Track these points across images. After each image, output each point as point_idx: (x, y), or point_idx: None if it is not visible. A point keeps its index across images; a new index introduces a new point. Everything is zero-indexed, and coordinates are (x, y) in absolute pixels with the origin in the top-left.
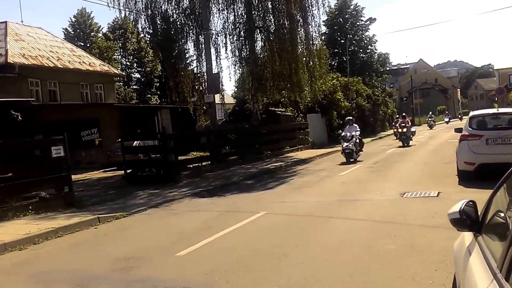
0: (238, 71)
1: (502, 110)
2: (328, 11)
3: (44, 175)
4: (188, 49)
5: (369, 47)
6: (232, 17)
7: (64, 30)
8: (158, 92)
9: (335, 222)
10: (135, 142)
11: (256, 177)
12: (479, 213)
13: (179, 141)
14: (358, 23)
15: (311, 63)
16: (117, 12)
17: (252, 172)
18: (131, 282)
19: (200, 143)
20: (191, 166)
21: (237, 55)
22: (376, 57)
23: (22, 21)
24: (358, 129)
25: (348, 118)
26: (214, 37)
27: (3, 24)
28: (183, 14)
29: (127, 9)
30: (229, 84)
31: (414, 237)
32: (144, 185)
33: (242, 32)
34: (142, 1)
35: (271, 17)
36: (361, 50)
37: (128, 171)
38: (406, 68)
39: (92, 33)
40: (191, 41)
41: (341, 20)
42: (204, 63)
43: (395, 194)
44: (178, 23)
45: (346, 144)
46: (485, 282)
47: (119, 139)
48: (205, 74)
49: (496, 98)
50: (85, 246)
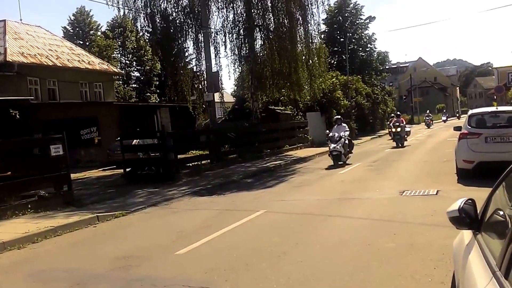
0: (238, 70)
1: (501, 109)
2: (328, 10)
3: (43, 174)
4: (188, 48)
5: (369, 46)
6: (232, 16)
7: (63, 29)
8: (158, 91)
9: (335, 221)
10: (135, 141)
11: (256, 176)
12: (478, 211)
13: (179, 140)
14: (358, 22)
15: (311, 62)
16: (116, 11)
17: (252, 171)
18: (130, 281)
19: (200, 142)
20: (191, 165)
21: (237, 54)
22: (376, 56)
23: (21, 20)
24: (347, 129)
25: (336, 117)
26: (214, 36)
27: (2, 23)
28: (183, 13)
29: (126, 8)
30: (229, 83)
31: (413, 235)
32: (144, 184)
33: (242, 31)
34: (142, 0)
35: (271, 16)
36: (361, 49)
37: (128, 170)
38: (406, 67)
39: (91, 32)
40: (191, 40)
41: (341, 19)
42: (204, 62)
43: (395, 193)
44: (178, 22)
45: (334, 146)
46: (484, 280)
47: (119, 138)
48: (205, 73)
49: (495, 97)
50: (84, 245)
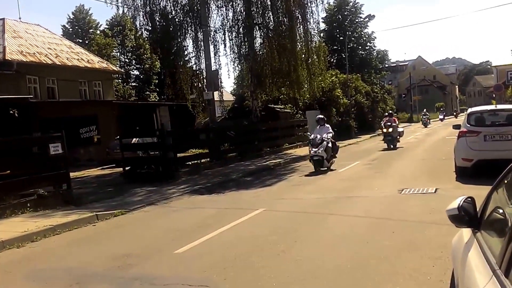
0: (237, 68)
1: (500, 107)
2: (327, 8)
3: (42, 173)
4: (187, 46)
5: (368, 44)
6: (231, 14)
7: (63, 27)
8: (157, 89)
9: (334, 219)
10: (134, 139)
11: (255, 174)
12: (478, 210)
13: (178, 138)
14: (357, 20)
15: (310, 60)
16: (115, 9)
17: (251, 169)
18: (129, 280)
19: (199, 140)
20: (190, 163)
21: (236, 52)
22: (375, 54)
23: (20, 18)
24: (331, 131)
25: (319, 117)
26: (213, 34)
27: (1, 21)
28: (182, 11)
29: (126, 6)
30: (228, 81)
31: (412, 233)
32: (143, 182)
33: (241, 29)
34: None
35: (270, 14)
36: (360, 47)
37: (127, 168)
38: (405, 65)
39: (91, 30)
40: (190, 38)
41: (340, 17)
42: (203, 60)
43: (393, 191)
44: (177, 20)
45: (315, 150)
46: (485, 279)
47: (118, 137)
48: (204, 71)
49: (494, 95)
50: (83, 244)
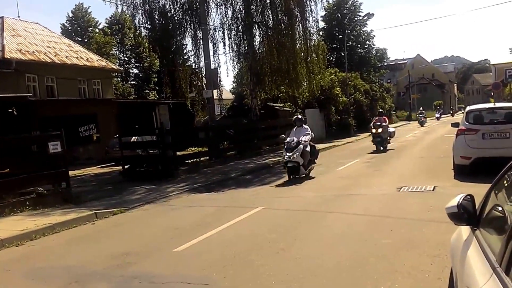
0: (237, 67)
1: (499, 105)
2: (326, 7)
3: (42, 171)
4: (186, 45)
5: (367, 43)
6: (231, 12)
7: (62, 26)
8: (156, 88)
9: (332, 217)
10: (133, 138)
11: (254, 172)
12: (477, 207)
13: (177, 137)
14: (356, 19)
15: (309, 58)
16: (114, 7)
17: (250, 167)
18: (128, 278)
19: (199, 139)
20: (189, 162)
21: (236, 50)
22: (374, 53)
23: (19, 16)
24: (309, 132)
25: (296, 117)
26: (212, 33)
27: (0, 20)
28: (181, 9)
29: (125, 4)
30: (227, 80)
31: (410, 231)
32: (142, 181)
33: (241, 27)
34: None
35: (269, 12)
36: (359, 46)
37: (126, 167)
38: (404, 64)
39: (90, 29)
40: (189, 37)
41: (339, 16)
42: (202, 59)
43: (392, 189)
44: (176, 18)
45: (289, 155)
46: (485, 276)
47: (117, 135)
48: (203, 70)
49: (492, 93)
50: (82, 242)
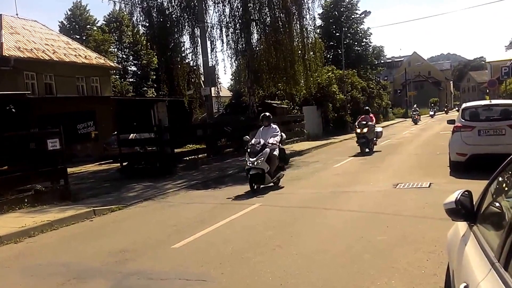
0: (234, 64)
1: (495, 102)
2: (324, 4)
3: (40, 168)
4: (184, 42)
5: (364, 40)
6: (228, 10)
7: (60, 24)
8: (155, 85)
9: (329, 213)
10: (131, 135)
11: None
12: (474, 203)
13: (175, 134)
14: (353, 16)
15: (307, 56)
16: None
17: None
18: (127, 275)
19: (197, 136)
20: (187, 159)
21: (233, 48)
22: (371, 50)
23: (17, 14)
24: (278, 132)
25: (263, 115)
26: (210, 30)
27: None
28: (179, 7)
29: (123, 2)
30: (225, 77)
31: (406, 228)
32: (140, 178)
33: (238, 25)
34: None
35: (267, 10)
36: (356, 43)
37: (124, 164)
38: (400, 61)
39: (88, 26)
40: (187, 34)
41: (336, 13)
42: (200, 56)
43: (388, 185)
44: (174, 16)
45: (252, 161)
46: (483, 271)
47: (115, 132)
48: (201, 67)
49: (488, 90)
50: (81, 239)
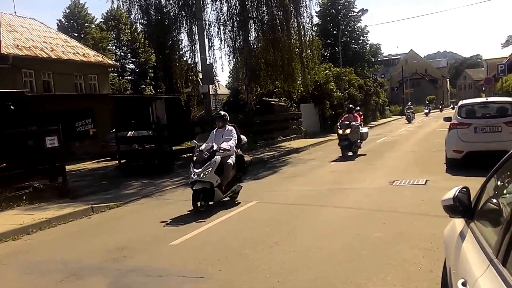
0: (232, 62)
1: (491, 99)
2: (321, 2)
3: (38, 166)
4: (182, 40)
5: (361, 38)
6: (226, 8)
7: (58, 22)
8: (153, 83)
9: (326, 211)
10: (130, 133)
11: (249, 167)
12: (472, 200)
13: (174, 131)
14: (350, 14)
15: (304, 54)
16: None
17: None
18: (125, 272)
19: (195, 133)
20: (185, 156)
21: (231, 46)
22: (368, 48)
23: (15, 12)
24: (233, 135)
25: (217, 114)
26: (208, 28)
27: None
28: (177, 5)
29: (120, 0)
30: (222, 75)
31: (402, 225)
32: (138, 175)
33: (236, 23)
34: None
35: (265, 8)
36: (353, 41)
37: (122, 161)
38: (397, 59)
39: (86, 24)
40: (185, 32)
41: (334, 11)
42: (198, 54)
43: (384, 183)
44: (172, 14)
45: (197, 172)
46: (481, 268)
47: (114, 130)
48: (199, 65)
49: (484, 88)
50: (79, 236)
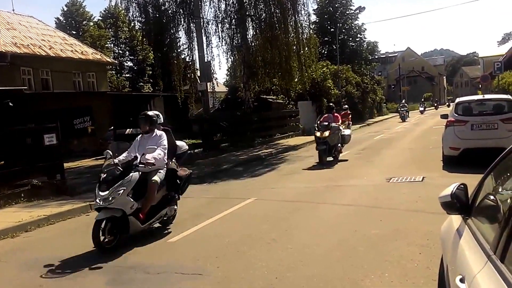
0: (230, 59)
1: (487, 97)
2: (318, 0)
3: (36, 163)
4: (180, 38)
5: (358, 36)
6: (224, 6)
7: (56, 19)
8: (151, 80)
9: (323, 208)
10: (128, 130)
11: (247, 164)
12: (469, 196)
13: (171, 129)
14: (348, 12)
15: (302, 51)
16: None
17: (243, 159)
18: (124, 269)
19: (192, 131)
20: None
21: (229, 43)
22: (365, 46)
23: (14, 10)
24: (164, 143)
25: (144, 115)
26: (206, 26)
27: None
28: (175, 3)
29: None
30: (220, 73)
31: (399, 222)
32: None
33: (234, 21)
34: None
35: (262, 6)
36: (351, 39)
37: None
38: (394, 57)
39: (84, 22)
40: (183, 30)
41: (331, 9)
42: (196, 52)
43: (381, 180)
44: (170, 12)
45: (104, 195)
46: (479, 264)
47: (112, 127)
48: (197, 63)
49: (480, 85)
50: (77, 233)
